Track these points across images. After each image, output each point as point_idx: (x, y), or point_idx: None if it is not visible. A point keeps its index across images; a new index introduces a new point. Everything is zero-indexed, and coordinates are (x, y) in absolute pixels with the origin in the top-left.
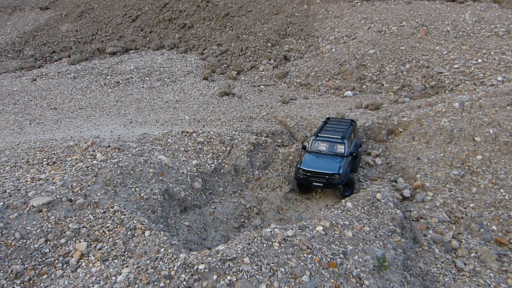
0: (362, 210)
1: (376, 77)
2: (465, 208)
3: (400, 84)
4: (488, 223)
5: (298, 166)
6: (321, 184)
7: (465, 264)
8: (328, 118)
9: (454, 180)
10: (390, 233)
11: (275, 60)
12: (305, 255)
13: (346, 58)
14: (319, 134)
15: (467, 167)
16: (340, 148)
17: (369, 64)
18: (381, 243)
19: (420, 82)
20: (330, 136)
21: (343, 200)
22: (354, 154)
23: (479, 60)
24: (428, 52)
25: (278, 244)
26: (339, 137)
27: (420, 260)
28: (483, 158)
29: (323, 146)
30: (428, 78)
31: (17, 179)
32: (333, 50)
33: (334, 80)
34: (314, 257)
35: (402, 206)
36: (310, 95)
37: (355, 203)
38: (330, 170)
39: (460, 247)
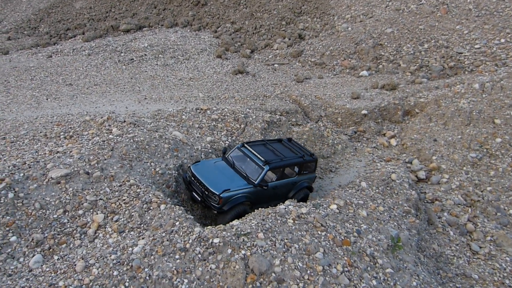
0: (377, 190)
1: (393, 57)
2: (481, 191)
3: (417, 64)
4: (506, 207)
5: (191, 164)
6: (198, 199)
7: (480, 247)
8: (289, 139)
9: (472, 163)
10: (404, 214)
11: (289, 39)
12: (319, 232)
13: (362, 37)
14: (246, 145)
15: (485, 149)
16: (254, 173)
17: (386, 43)
18: (395, 223)
19: (438, 62)
20: (257, 153)
21: (357, 180)
22: (265, 187)
23: (502, 40)
24: (448, 31)
25: (292, 221)
26: (263, 159)
27: (434, 242)
28: (503, 141)
29: (241, 161)
30: (447, 59)
31: (36, 152)
32: (349, 28)
33: (349, 59)
34: (328, 234)
35: (417, 187)
36: (325, 74)
37: (370, 183)
38: (212, 187)
39: (475, 230)
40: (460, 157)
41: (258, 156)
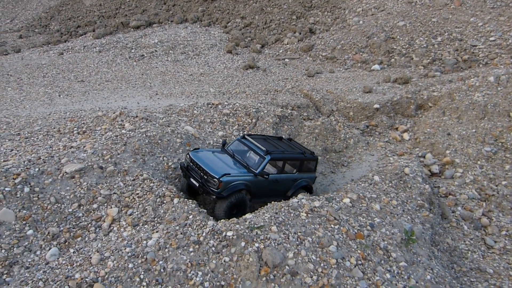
0: (390, 184)
1: (405, 51)
2: (496, 186)
3: (430, 57)
4: None
5: (190, 151)
6: (196, 185)
7: (495, 241)
8: (290, 139)
9: (486, 157)
10: (418, 208)
11: (300, 33)
12: (332, 225)
13: (374, 31)
14: (247, 136)
15: (500, 143)
16: (255, 162)
17: (398, 37)
18: (408, 217)
19: (452, 55)
20: (258, 144)
21: (370, 174)
22: (266, 177)
23: None
24: (462, 24)
25: (305, 214)
26: (264, 149)
27: (448, 236)
28: None
29: (241, 152)
30: (461, 52)
31: (50, 147)
32: (361, 22)
33: (361, 53)
34: (341, 228)
35: (430, 182)
36: (336, 68)
37: (383, 177)
38: (212, 172)
39: (490, 225)
40: (474, 151)
41: (260, 146)
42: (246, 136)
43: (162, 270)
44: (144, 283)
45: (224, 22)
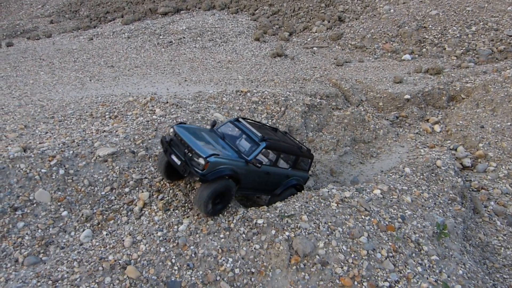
0: (421, 177)
1: (437, 40)
2: None
3: (464, 48)
4: None
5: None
6: (178, 163)
7: None
8: (285, 132)
9: None
10: (450, 201)
11: (329, 21)
12: (363, 216)
13: (405, 20)
14: (241, 119)
15: None
16: (248, 148)
17: (430, 26)
18: (440, 210)
19: (487, 46)
20: (253, 129)
21: (401, 165)
22: (259, 166)
23: None
24: (498, 13)
25: (335, 204)
26: (260, 135)
27: (480, 231)
28: None
29: (232, 135)
30: (496, 42)
31: (83, 130)
32: (392, 10)
33: (391, 42)
34: (372, 219)
35: (462, 175)
36: (366, 58)
37: (414, 169)
38: (199, 149)
39: None
40: (509, 144)
41: (254, 131)
42: (241, 119)
43: (193, 255)
44: (176, 267)
45: (251, 9)
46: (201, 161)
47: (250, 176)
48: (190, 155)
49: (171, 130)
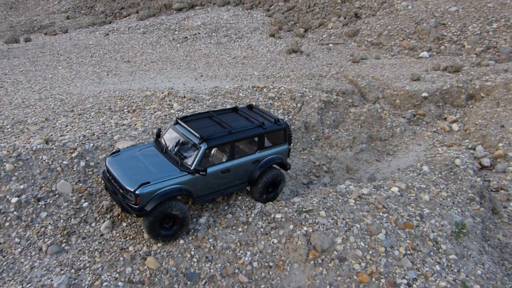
0: (440, 175)
1: (456, 38)
2: None
3: (484, 45)
4: None
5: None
6: (117, 201)
7: None
8: (250, 106)
9: None
10: (468, 201)
11: (345, 18)
12: (381, 213)
13: (423, 16)
14: (180, 120)
15: None
16: (190, 155)
17: (449, 23)
18: (459, 209)
19: (508, 43)
20: (192, 129)
21: (418, 164)
22: (203, 173)
23: None
24: None
25: (353, 201)
26: (199, 135)
27: (499, 232)
28: None
29: (174, 142)
30: None
31: (103, 124)
32: (409, 7)
33: (408, 39)
34: (390, 216)
35: (481, 175)
36: (382, 55)
37: (432, 167)
38: (126, 183)
39: None
40: None
41: (193, 132)
42: (179, 121)
43: (212, 247)
44: (195, 259)
45: (266, 5)
46: (130, 196)
47: (203, 184)
48: (121, 191)
49: (104, 164)
